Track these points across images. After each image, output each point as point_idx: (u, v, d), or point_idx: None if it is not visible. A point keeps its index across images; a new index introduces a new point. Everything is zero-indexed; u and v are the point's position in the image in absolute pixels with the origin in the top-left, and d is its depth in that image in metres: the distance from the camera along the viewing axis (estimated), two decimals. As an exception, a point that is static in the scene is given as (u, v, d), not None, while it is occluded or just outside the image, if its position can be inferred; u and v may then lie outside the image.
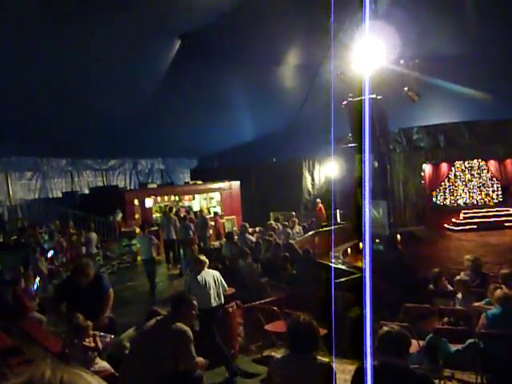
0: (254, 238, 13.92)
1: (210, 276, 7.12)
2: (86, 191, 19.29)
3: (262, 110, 18.22)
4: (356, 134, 13.26)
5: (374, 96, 11.80)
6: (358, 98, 11.84)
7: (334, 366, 3.56)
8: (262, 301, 8.30)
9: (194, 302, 5.00)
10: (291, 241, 13.87)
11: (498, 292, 6.10)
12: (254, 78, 15.24)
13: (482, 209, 21.27)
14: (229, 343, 7.29)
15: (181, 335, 4.64)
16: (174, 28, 12.00)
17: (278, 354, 6.81)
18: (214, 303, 6.95)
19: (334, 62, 12.07)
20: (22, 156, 16.51)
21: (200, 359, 4.91)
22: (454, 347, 5.96)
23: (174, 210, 16.88)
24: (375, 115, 12.19)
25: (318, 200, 20.07)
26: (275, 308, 7.61)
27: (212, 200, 21.23)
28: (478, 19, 12.92)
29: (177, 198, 19.78)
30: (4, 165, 15.90)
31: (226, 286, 7.31)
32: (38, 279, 10.64)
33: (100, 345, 5.33)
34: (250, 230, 15.23)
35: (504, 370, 5.44)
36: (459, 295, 7.28)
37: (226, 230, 17.55)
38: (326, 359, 3.61)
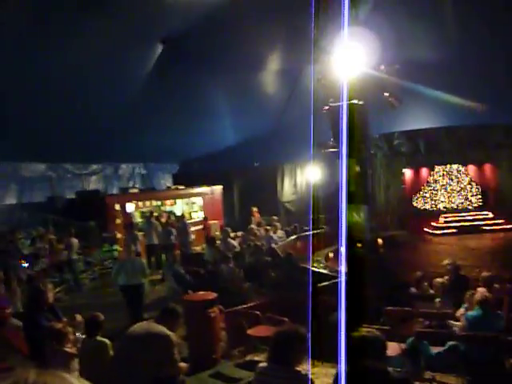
0: (236, 243, 13.91)
1: (133, 262, 9.77)
2: (67, 196, 19.08)
3: (244, 114, 18.23)
4: (337, 139, 13.34)
5: (354, 101, 11.87)
6: (339, 103, 11.91)
7: (309, 371, 3.54)
8: (245, 305, 8.28)
9: (180, 313, 5.08)
10: (274, 245, 13.87)
11: (478, 295, 6.17)
12: (236, 83, 15.26)
13: (461, 213, 21.53)
14: (211, 348, 7.27)
15: (164, 339, 4.63)
16: (156, 33, 11.98)
17: (261, 358, 6.80)
18: (133, 281, 9.43)
19: (314, 66, 12.14)
20: (0, 161, 16.27)
21: (182, 364, 4.90)
22: (435, 350, 6.01)
23: (155, 214, 16.78)
24: (356, 120, 12.27)
25: (255, 209, 19.93)
26: (258, 312, 7.59)
27: (194, 205, 21.14)
28: (457, 25, 13.11)
29: (158, 202, 19.66)
30: (-18, 170, 15.69)
31: (146, 270, 10.10)
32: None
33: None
34: (232, 234, 15.20)
35: (484, 372, 5.50)
36: (439, 298, 7.37)
37: (211, 234, 17.49)
38: (305, 370, 3.58)
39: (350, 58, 9.92)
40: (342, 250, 3.83)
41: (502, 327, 5.86)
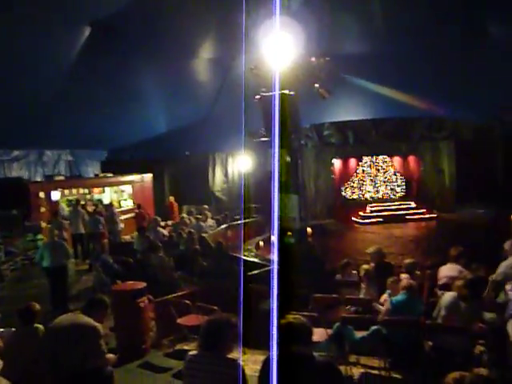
0: (166, 232, 13.77)
1: (55, 244, 10.07)
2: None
3: (175, 102, 18.00)
4: (269, 128, 13.46)
5: (286, 91, 12.00)
6: (271, 93, 12.00)
7: (240, 358, 3.58)
8: (175, 295, 8.24)
9: (108, 304, 5.00)
10: (204, 234, 13.85)
11: (404, 281, 6.46)
12: (167, 71, 15.01)
13: (386, 203, 22.37)
14: (140, 338, 7.19)
15: (91, 331, 4.54)
16: (84, 16, 11.55)
17: (190, 347, 6.80)
18: (56, 263, 9.78)
19: (247, 56, 12.16)
20: None
21: (110, 355, 4.82)
22: (359, 334, 6.23)
23: (82, 203, 16.29)
24: (287, 110, 12.41)
25: (171, 198, 20.05)
26: (188, 302, 7.57)
27: (123, 193, 20.70)
28: (385, 18, 13.49)
29: (86, 190, 19.08)
30: None
31: (68, 252, 10.31)
32: None
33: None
34: (163, 223, 15.03)
35: (405, 354, 5.76)
36: (364, 285, 7.63)
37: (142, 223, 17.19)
38: (235, 357, 3.62)
39: (282, 49, 10.00)
40: (274, 238, 3.86)
41: (422, 311, 6.15)
